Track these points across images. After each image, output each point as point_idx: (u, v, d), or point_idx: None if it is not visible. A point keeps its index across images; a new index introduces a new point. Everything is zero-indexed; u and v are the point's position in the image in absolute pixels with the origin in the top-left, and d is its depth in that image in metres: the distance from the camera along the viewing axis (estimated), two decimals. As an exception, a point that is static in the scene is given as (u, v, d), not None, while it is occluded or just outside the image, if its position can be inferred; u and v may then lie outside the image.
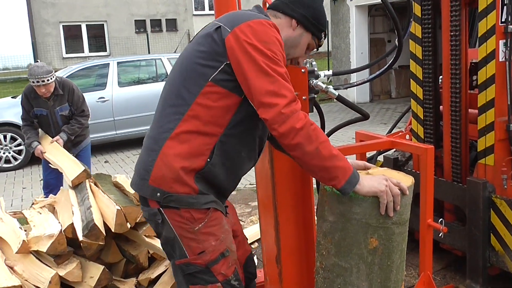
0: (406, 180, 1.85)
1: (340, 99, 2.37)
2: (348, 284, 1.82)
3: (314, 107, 2.41)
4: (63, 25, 21.19)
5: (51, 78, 4.35)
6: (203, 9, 24.80)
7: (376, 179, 1.72)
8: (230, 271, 1.82)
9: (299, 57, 2.00)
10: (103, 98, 8.18)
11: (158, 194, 1.74)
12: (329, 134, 3.07)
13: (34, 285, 2.90)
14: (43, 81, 4.30)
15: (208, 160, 1.74)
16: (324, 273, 1.88)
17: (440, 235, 2.90)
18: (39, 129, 4.69)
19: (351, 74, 11.21)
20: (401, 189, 1.74)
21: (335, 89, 2.38)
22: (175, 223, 1.76)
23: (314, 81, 2.25)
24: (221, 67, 1.70)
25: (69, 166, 3.82)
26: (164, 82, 8.48)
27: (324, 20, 1.96)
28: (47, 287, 2.82)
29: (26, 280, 2.91)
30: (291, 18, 1.89)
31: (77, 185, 3.50)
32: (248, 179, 6.13)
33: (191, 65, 1.76)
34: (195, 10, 25.06)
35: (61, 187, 3.81)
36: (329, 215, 1.80)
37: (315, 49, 2.03)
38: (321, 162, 1.63)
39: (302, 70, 2.26)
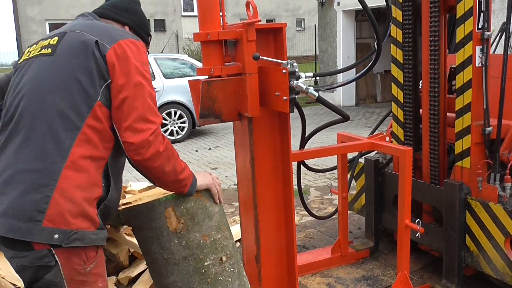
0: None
1: (320, 100, 2.41)
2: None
3: (295, 107, 2.44)
4: (49, 23, 21.01)
5: None
6: (192, 10, 24.77)
7: (204, 175, 1.94)
8: None
9: None
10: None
11: (57, 235, 1.52)
12: (310, 136, 3.12)
13: (11, 283, 2.88)
14: None
15: (103, 185, 1.66)
16: (231, 260, 1.97)
17: (417, 235, 2.97)
18: None
19: (338, 79, 11.31)
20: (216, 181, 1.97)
21: (315, 90, 2.42)
22: (67, 264, 1.56)
23: (295, 82, 2.29)
24: (105, 85, 1.63)
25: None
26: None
27: (149, 25, 2.08)
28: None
29: (3, 278, 2.88)
30: (123, 25, 1.92)
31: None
32: (232, 180, 6.15)
33: (71, 82, 1.61)
34: (183, 11, 25.03)
35: None
36: (214, 207, 1.96)
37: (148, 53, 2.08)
38: (176, 177, 1.77)
39: (283, 71, 2.30)
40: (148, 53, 2.02)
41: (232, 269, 1.95)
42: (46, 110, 1.59)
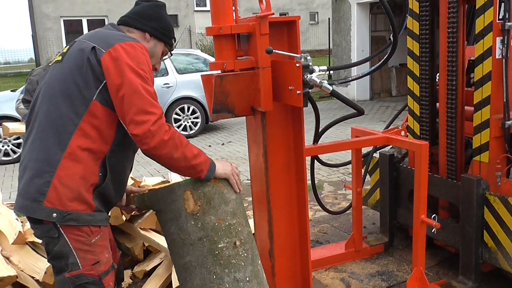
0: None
1: (334, 94, 2.38)
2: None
3: (309, 102, 2.41)
4: (64, 20, 21.18)
5: None
6: (205, 5, 24.76)
7: (224, 164, 2.02)
8: (113, 284, 1.95)
9: (156, 64, 2.14)
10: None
11: (55, 214, 1.79)
12: (324, 130, 3.08)
13: (30, 276, 2.92)
14: None
15: (100, 174, 1.87)
16: (245, 246, 2.02)
17: (433, 230, 2.92)
18: None
19: (352, 72, 11.21)
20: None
21: (329, 84, 2.39)
22: (72, 236, 1.82)
23: (309, 75, 2.26)
24: (101, 86, 1.82)
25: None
26: (163, 77, 8.40)
27: (172, 28, 2.17)
28: (43, 277, 2.84)
29: (22, 271, 2.92)
30: (144, 32, 2.06)
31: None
32: (246, 175, 6.14)
33: (71, 86, 1.84)
34: (196, 6, 25.03)
35: None
36: (231, 194, 2.04)
37: (171, 54, 2.22)
38: (188, 163, 1.87)
39: (297, 65, 2.27)
40: (171, 55, 2.20)
41: (245, 255, 2.01)
42: (52, 111, 1.85)
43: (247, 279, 1.98)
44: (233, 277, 1.95)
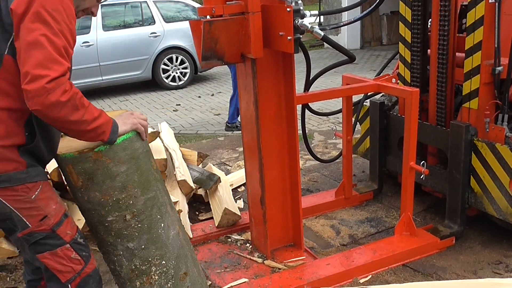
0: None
1: (325, 39, 2.34)
2: (161, 206, 2.00)
3: (300, 48, 2.37)
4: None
5: None
6: (191, -50, 23.81)
7: (126, 118, 1.85)
8: (74, 230, 1.85)
9: (91, 7, 1.94)
10: (88, 42, 7.96)
11: None
12: (315, 78, 3.05)
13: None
14: None
15: (27, 134, 1.73)
16: (138, 218, 1.93)
17: (421, 177, 2.97)
18: None
19: (344, 18, 11.00)
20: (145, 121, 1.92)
21: (321, 29, 2.34)
22: (8, 198, 1.72)
23: (300, 20, 2.21)
24: (11, 38, 1.63)
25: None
26: (150, 26, 8.08)
27: None
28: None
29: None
30: None
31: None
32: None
33: None
34: (182, -49, 24.04)
35: None
36: (119, 167, 1.85)
37: None
38: (88, 126, 1.68)
39: (288, 9, 2.21)
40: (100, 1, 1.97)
41: (139, 225, 1.94)
42: None
43: (142, 247, 1.96)
44: (126, 246, 1.93)
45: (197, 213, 3.67)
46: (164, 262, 2.02)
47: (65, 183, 1.97)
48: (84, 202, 1.88)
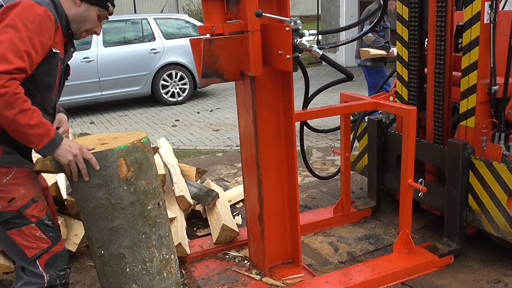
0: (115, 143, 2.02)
1: (324, 58, 2.37)
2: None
3: (298, 66, 2.40)
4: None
5: None
6: (191, -32, 24.10)
7: (72, 149, 1.89)
8: (42, 214, 2.01)
9: (94, 27, 2.10)
10: (88, 58, 8.02)
11: None
12: (313, 96, 3.08)
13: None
14: None
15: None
16: (164, 205, 2.16)
17: (419, 194, 2.98)
18: None
19: (341, 37, 11.11)
20: (87, 158, 1.91)
21: (319, 48, 2.37)
22: None
23: (298, 39, 2.24)
24: None
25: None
26: (150, 43, 8.17)
27: None
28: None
29: None
30: None
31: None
32: (235, 141, 6.15)
33: None
34: (182, -31, 24.34)
35: None
36: (152, 158, 2.12)
37: (107, 18, 2.12)
38: (18, 128, 1.81)
39: (287, 29, 2.24)
40: (107, 19, 2.11)
41: (165, 212, 2.16)
42: None
43: (167, 234, 2.15)
44: (158, 234, 2.09)
45: (195, 229, 3.66)
46: (174, 249, 2.24)
47: (88, 188, 1.98)
48: (128, 195, 1.97)
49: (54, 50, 1.92)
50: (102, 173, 1.93)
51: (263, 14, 2.22)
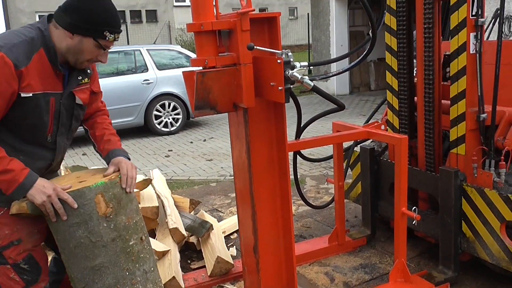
0: (92, 180, 2.00)
1: (315, 89, 2.40)
2: None
3: (290, 97, 2.43)
4: (39, 15, 20.77)
5: None
6: (184, 0, 24.56)
7: (47, 188, 1.88)
8: (20, 257, 1.99)
9: (96, 56, 2.03)
10: (81, 90, 8.07)
11: None
12: (306, 126, 3.11)
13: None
14: None
15: None
16: (147, 239, 2.13)
17: (413, 222, 2.98)
18: None
19: (332, 67, 11.29)
20: (63, 199, 1.89)
21: (310, 80, 2.41)
22: None
23: (290, 71, 2.28)
24: None
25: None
26: (143, 74, 8.31)
27: (102, 19, 1.92)
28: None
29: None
30: (63, 28, 1.91)
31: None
32: (228, 171, 6.15)
33: None
34: (175, 2, 24.83)
35: None
36: (133, 192, 2.08)
37: (111, 46, 2.05)
38: None
39: (278, 61, 2.28)
40: (104, 49, 2.01)
41: (148, 247, 2.12)
42: None
43: (152, 269, 2.11)
44: (142, 270, 2.06)
45: (189, 261, 3.62)
46: (161, 283, 2.20)
47: (67, 227, 1.94)
48: (109, 231, 1.94)
49: (23, 95, 1.85)
50: (80, 211, 1.90)
51: (255, 47, 2.27)
